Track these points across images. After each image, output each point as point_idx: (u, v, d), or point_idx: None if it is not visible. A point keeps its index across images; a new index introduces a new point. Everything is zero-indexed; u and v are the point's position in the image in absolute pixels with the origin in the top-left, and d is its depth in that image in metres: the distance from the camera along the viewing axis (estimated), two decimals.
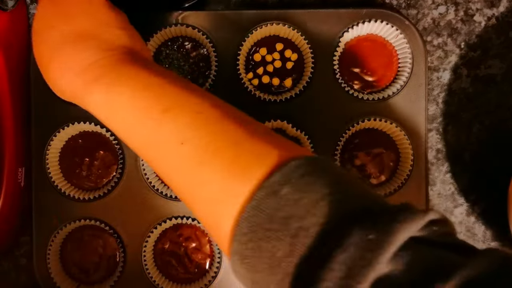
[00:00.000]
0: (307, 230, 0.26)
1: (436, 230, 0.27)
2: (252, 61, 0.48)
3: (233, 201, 0.28)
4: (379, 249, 0.24)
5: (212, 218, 0.30)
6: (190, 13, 0.47)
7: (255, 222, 0.27)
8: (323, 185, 0.27)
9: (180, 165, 0.31)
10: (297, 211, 0.26)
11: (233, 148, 0.30)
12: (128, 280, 0.48)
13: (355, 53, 0.48)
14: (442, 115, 0.50)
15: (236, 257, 0.28)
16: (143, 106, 0.32)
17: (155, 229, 0.48)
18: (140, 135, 0.33)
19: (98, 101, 0.34)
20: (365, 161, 0.48)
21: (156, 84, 0.33)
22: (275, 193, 0.27)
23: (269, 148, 0.30)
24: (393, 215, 0.25)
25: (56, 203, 0.48)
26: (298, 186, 0.27)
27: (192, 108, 0.32)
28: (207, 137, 0.30)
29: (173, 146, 0.31)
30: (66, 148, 0.49)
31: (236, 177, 0.29)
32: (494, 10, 0.50)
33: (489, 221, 0.51)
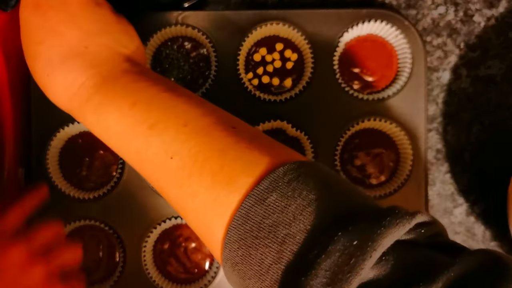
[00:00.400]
0: (294, 237, 0.26)
1: (423, 232, 0.27)
2: (252, 61, 0.48)
3: (223, 211, 0.29)
4: (363, 254, 0.24)
5: (204, 227, 0.31)
6: (190, 13, 0.47)
7: (244, 230, 0.27)
8: (310, 190, 0.27)
9: (170, 178, 0.31)
10: (284, 218, 0.27)
11: (220, 158, 0.30)
12: (128, 280, 0.48)
13: (355, 53, 0.48)
14: (441, 115, 0.50)
15: (227, 264, 0.29)
16: (130, 123, 0.33)
17: (155, 229, 0.48)
18: (131, 152, 0.33)
19: (90, 121, 0.35)
20: (365, 161, 0.48)
21: (142, 100, 0.33)
22: (262, 200, 0.27)
23: (256, 155, 0.30)
24: (378, 220, 0.25)
25: (56, 203, 0.48)
26: (285, 193, 0.27)
27: (178, 120, 0.32)
28: (194, 149, 0.31)
29: (163, 160, 0.31)
30: (66, 148, 0.49)
31: (225, 187, 0.29)
32: (494, 10, 0.50)
33: (488, 221, 0.51)
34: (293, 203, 0.27)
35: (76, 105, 0.35)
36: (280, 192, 0.27)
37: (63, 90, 0.36)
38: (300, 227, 0.26)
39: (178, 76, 0.48)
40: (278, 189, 0.27)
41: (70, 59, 0.36)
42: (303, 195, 0.27)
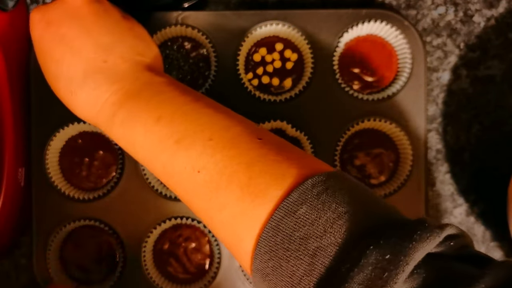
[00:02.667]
0: (325, 250, 0.26)
1: (453, 245, 0.27)
2: (252, 61, 0.48)
3: (252, 223, 0.29)
4: (396, 269, 0.24)
5: (233, 239, 0.31)
6: (190, 13, 0.47)
7: (275, 242, 0.28)
8: (339, 203, 0.28)
9: (198, 191, 0.32)
10: (315, 231, 0.27)
11: (248, 170, 0.30)
12: (127, 280, 0.48)
13: (355, 54, 0.48)
14: (441, 115, 0.50)
15: (257, 275, 0.29)
16: (156, 139, 0.33)
17: (155, 229, 0.48)
18: (158, 165, 0.34)
19: (117, 136, 0.36)
20: (365, 162, 0.48)
21: (167, 114, 0.33)
22: (292, 213, 0.27)
23: (284, 167, 0.30)
24: (409, 233, 0.25)
25: (56, 203, 0.48)
26: (315, 206, 0.27)
27: (204, 134, 0.32)
28: (221, 162, 0.31)
29: (189, 174, 0.32)
30: (65, 148, 0.49)
31: (254, 199, 0.29)
32: (493, 11, 0.50)
33: (488, 221, 0.51)
34: (323, 215, 0.27)
35: (102, 120, 0.36)
36: (309, 205, 0.27)
37: (88, 107, 0.36)
38: (331, 240, 0.26)
39: (178, 76, 0.48)
40: (307, 202, 0.28)
41: (91, 75, 0.36)
42: (332, 208, 0.27)
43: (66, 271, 0.49)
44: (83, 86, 0.36)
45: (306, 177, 0.29)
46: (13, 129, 0.45)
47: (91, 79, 0.36)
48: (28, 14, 0.48)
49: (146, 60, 0.38)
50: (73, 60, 0.36)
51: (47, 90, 0.38)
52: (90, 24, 0.37)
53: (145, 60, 0.38)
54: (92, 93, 0.35)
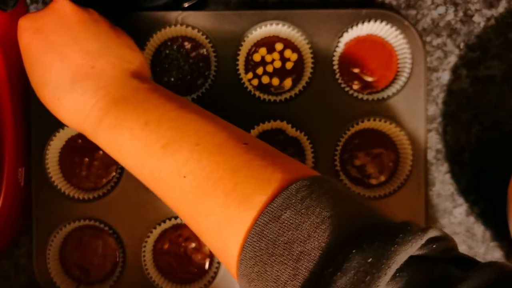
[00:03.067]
0: (309, 254, 0.26)
1: (435, 247, 0.27)
2: (251, 61, 0.48)
3: (238, 228, 0.29)
4: (378, 272, 0.24)
5: (219, 244, 0.31)
6: (190, 13, 0.47)
7: (259, 247, 0.28)
8: (323, 207, 0.28)
9: (184, 197, 0.32)
10: (299, 236, 0.27)
11: (233, 176, 0.30)
12: (127, 280, 0.48)
13: (355, 54, 0.48)
14: (441, 115, 0.50)
15: (243, 280, 0.29)
16: (143, 144, 0.33)
17: (155, 229, 0.48)
18: (145, 171, 0.34)
19: (104, 142, 0.36)
20: (364, 162, 0.48)
21: (153, 120, 0.34)
22: (277, 218, 0.28)
23: (269, 172, 0.30)
24: (392, 237, 0.26)
25: (56, 203, 0.48)
26: (299, 210, 0.28)
27: (190, 139, 0.32)
28: (207, 168, 0.31)
29: (176, 179, 0.32)
30: (65, 148, 0.49)
31: (239, 205, 0.29)
32: (493, 11, 0.50)
33: (488, 221, 0.51)
34: (307, 220, 0.27)
35: (88, 126, 0.36)
36: (293, 210, 0.28)
37: (74, 113, 0.36)
38: (315, 244, 0.27)
39: (178, 76, 0.48)
40: (291, 207, 0.28)
41: (79, 81, 0.36)
42: (316, 212, 0.27)
43: (66, 271, 0.49)
44: (71, 92, 0.36)
45: (291, 182, 0.29)
46: (13, 129, 0.45)
47: (79, 85, 0.36)
48: None
49: (132, 67, 0.38)
50: (62, 66, 0.36)
51: None
52: (78, 32, 0.37)
53: (132, 67, 0.38)
54: (80, 99, 0.36)
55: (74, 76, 0.36)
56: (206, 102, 0.47)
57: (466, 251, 0.51)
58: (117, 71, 0.37)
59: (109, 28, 0.39)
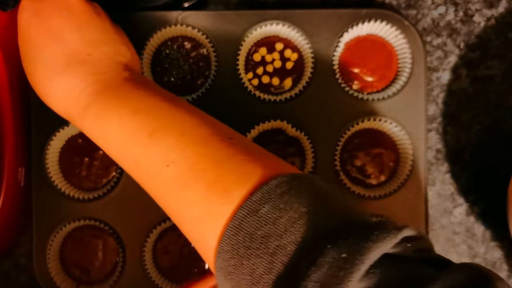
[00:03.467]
0: (284, 249, 0.27)
1: (410, 247, 0.27)
2: (252, 61, 0.48)
3: (217, 221, 0.29)
4: (351, 267, 0.25)
5: (198, 236, 0.31)
6: (190, 13, 0.47)
7: (237, 240, 0.28)
8: (302, 203, 0.28)
9: (166, 187, 0.32)
10: (276, 230, 0.27)
11: (216, 169, 0.31)
12: (128, 280, 0.48)
13: (355, 53, 0.48)
14: (441, 115, 0.50)
15: (220, 273, 0.29)
16: (130, 131, 0.34)
17: (155, 229, 0.48)
18: (130, 159, 0.34)
19: (90, 128, 0.36)
20: (365, 161, 0.48)
21: (142, 108, 0.34)
22: (255, 212, 0.28)
23: (250, 167, 0.30)
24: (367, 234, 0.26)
25: (56, 203, 0.48)
26: (277, 205, 0.28)
27: (176, 129, 0.33)
28: (190, 159, 0.31)
29: (160, 168, 0.32)
30: (65, 148, 0.49)
31: (219, 198, 0.30)
32: (494, 10, 0.50)
33: (488, 221, 0.51)
34: (284, 215, 0.27)
35: (75, 111, 0.36)
36: (272, 204, 0.28)
37: (64, 96, 0.36)
38: (291, 239, 0.27)
39: (178, 76, 0.48)
40: (270, 201, 0.28)
41: (73, 65, 0.36)
42: (294, 207, 0.28)
43: (66, 271, 0.49)
44: (63, 74, 0.36)
45: (271, 178, 0.29)
46: (13, 129, 0.45)
47: (73, 68, 0.36)
48: None
49: (125, 61, 0.39)
50: (58, 49, 0.36)
51: None
52: (80, 20, 0.37)
53: (125, 60, 0.39)
54: (71, 82, 0.36)
55: (69, 60, 0.36)
56: (206, 102, 0.47)
57: (466, 251, 0.51)
58: (112, 62, 0.37)
59: (109, 23, 0.40)
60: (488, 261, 0.51)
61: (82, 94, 0.36)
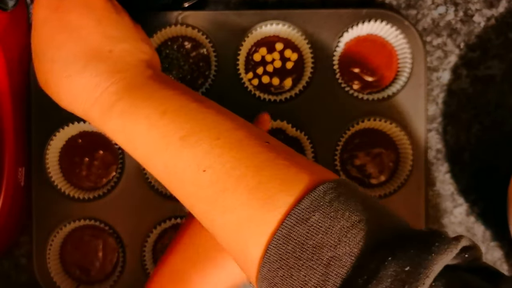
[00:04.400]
0: (340, 260, 0.26)
1: (467, 257, 0.26)
2: (252, 61, 0.48)
3: (261, 229, 0.28)
4: (416, 281, 0.24)
5: (238, 245, 0.29)
6: (190, 13, 0.47)
7: (286, 250, 0.27)
8: (352, 211, 0.27)
9: (201, 193, 0.30)
10: (328, 240, 0.26)
11: (257, 174, 0.29)
12: (128, 280, 0.48)
13: (355, 53, 0.48)
14: (441, 115, 0.50)
15: (264, 284, 0.28)
16: (160, 134, 0.32)
17: (155, 229, 0.48)
18: (159, 163, 0.32)
19: (115, 128, 0.33)
20: (365, 161, 0.48)
21: (172, 109, 0.32)
22: (305, 220, 0.27)
23: (293, 173, 0.29)
24: (427, 245, 0.25)
25: (56, 203, 0.48)
26: (328, 213, 0.27)
27: (210, 134, 0.31)
28: (228, 164, 0.30)
29: (194, 173, 0.30)
30: (65, 148, 0.49)
31: (263, 204, 0.28)
32: (494, 10, 0.50)
33: (488, 221, 0.51)
34: (336, 224, 0.26)
35: (97, 110, 0.34)
36: (322, 213, 0.27)
37: (83, 94, 0.34)
38: (346, 249, 0.26)
39: (178, 76, 0.48)
40: (320, 209, 0.27)
41: (94, 62, 0.34)
42: (346, 216, 0.27)
43: (66, 271, 0.49)
44: (83, 72, 0.34)
45: (316, 184, 0.28)
46: (13, 129, 0.45)
47: (93, 65, 0.34)
48: (28, 14, 0.48)
49: (148, 58, 0.37)
50: (77, 46, 0.35)
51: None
52: (100, 16, 0.36)
53: (148, 58, 0.37)
54: (92, 80, 0.34)
55: (89, 57, 0.34)
56: None
57: None
58: (134, 59, 0.36)
59: (129, 19, 0.38)
60: (488, 261, 0.51)
61: (105, 93, 0.34)
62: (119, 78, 0.34)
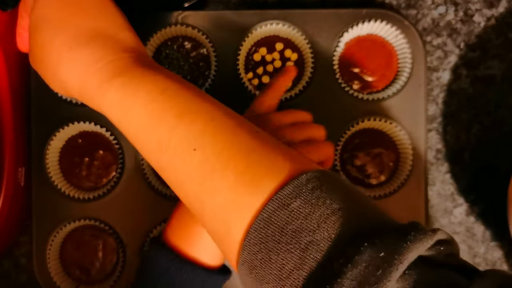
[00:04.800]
0: (317, 245, 0.26)
1: (442, 250, 0.27)
2: (252, 61, 0.48)
3: (244, 212, 0.28)
4: (389, 267, 0.24)
5: (222, 227, 0.30)
6: (190, 13, 0.47)
7: (266, 233, 0.27)
8: (334, 200, 0.28)
9: (190, 172, 0.31)
10: (307, 225, 0.27)
11: (245, 158, 0.30)
12: (127, 280, 0.48)
13: (355, 53, 0.48)
14: (441, 115, 0.50)
15: (244, 267, 0.28)
16: (158, 108, 0.32)
17: (155, 229, 0.48)
18: (153, 138, 0.32)
19: (112, 100, 0.33)
20: (365, 161, 0.48)
21: (172, 88, 0.33)
22: (286, 206, 0.27)
23: (280, 160, 0.30)
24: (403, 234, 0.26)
25: (56, 203, 0.48)
26: (309, 200, 0.27)
27: (206, 115, 0.32)
28: (219, 145, 0.30)
29: (185, 151, 0.31)
30: (65, 148, 0.49)
31: (248, 188, 0.29)
32: (494, 10, 0.50)
33: (488, 221, 0.51)
34: (316, 210, 0.27)
35: (96, 81, 0.34)
36: (304, 199, 0.27)
37: (84, 65, 0.34)
38: (324, 235, 0.26)
39: None
40: (301, 196, 0.27)
41: (100, 38, 0.35)
42: (326, 203, 0.27)
43: (66, 271, 0.49)
44: (87, 44, 0.34)
45: (300, 172, 0.29)
46: (13, 129, 0.45)
47: (100, 41, 0.35)
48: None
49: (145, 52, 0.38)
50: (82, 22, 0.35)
51: (48, 90, 0.38)
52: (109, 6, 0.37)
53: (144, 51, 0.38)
54: (96, 52, 0.34)
55: (94, 33, 0.35)
56: None
57: (466, 251, 0.51)
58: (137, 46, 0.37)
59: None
60: (488, 261, 0.51)
61: (109, 65, 0.34)
62: (125, 56, 0.34)
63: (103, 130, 0.48)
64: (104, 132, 0.48)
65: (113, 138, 0.48)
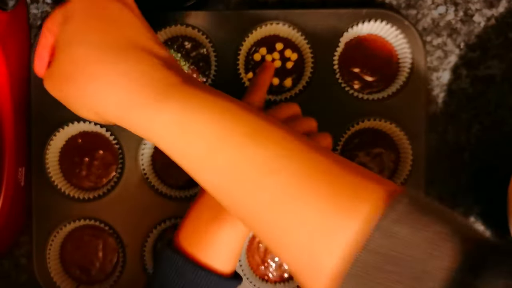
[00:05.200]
0: (431, 274, 0.25)
1: None
2: (252, 61, 0.48)
3: (337, 239, 0.26)
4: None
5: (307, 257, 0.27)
6: (190, 13, 0.47)
7: (370, 263, 0.25)
8: (435, 223, 0.26)
9: (266, 198, 0.28)
10: (416, 253, 0.25)
11: (329, 181, 0.27)
12: (128, 280, 0.48)
13: (355, 53, 0.48)
14: (441, 115, 0.50)
15: None
16: (223, 128, 0.29)
17: (155, 229, 0.48)
18: (218, 162, 0.29)
19: (168, 121, 0.30)
20: (365, 161, 0.48)
21: (232, 108, 0.30)
22: (389, 232, 0.25)
23: (366, 182, 0.28)
24: None
25: (56, 203, 0.48)
26: (412, 225, 0.25)
27: (277, 133, 0.29)
28: (298, 168, 0.28)
29: (260, 175, 0.28)
30: (66, 148, 0.49)
31: (338, 213, 0.26)
32: (494, 10, 0.50)
33: (488, 221, 0.51)
34: (421, 236, 0.25)
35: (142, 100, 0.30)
36: (406, 224, 0.25)
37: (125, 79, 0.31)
38: (437, 263, 0.24)
39: None
40: (403, 221, 0.25)
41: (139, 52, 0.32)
42: (431, 228, 0.25)
43: (66, 271, 0.49)
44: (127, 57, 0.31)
45: (390, 193, 0.27)
46: (13, 129, 0.45)
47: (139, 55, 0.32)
48: (28, 14, 0.48)
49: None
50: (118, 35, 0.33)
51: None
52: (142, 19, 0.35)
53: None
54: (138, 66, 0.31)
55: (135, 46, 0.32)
56: None
57: None
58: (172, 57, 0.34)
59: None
60: None
61: (157, 82, 0.30)
62: (170, 73, 0.31)
63: (103, 130, 0.48)
64: (104, 132, 0.48)
65: (113, 138, 0.48)
